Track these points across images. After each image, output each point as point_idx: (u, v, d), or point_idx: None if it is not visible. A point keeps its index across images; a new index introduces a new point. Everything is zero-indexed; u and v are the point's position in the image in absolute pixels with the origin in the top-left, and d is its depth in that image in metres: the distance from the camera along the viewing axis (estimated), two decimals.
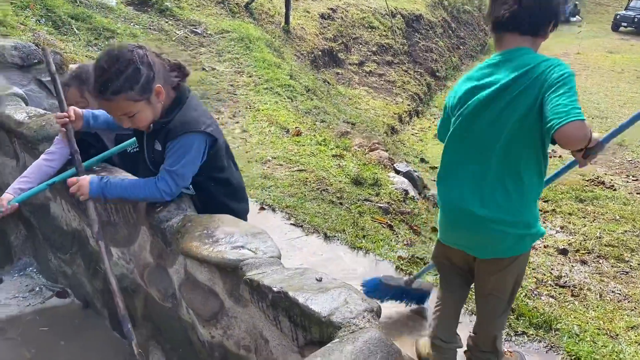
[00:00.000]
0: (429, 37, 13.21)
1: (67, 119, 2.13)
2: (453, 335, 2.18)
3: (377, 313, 1.45)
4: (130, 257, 2.33)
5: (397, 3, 13.01)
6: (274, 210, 3.92)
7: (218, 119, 5.76)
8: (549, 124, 1.55)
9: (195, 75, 6.85)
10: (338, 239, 3.60)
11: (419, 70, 11.83)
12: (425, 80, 11.64)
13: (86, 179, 2.01)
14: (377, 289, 2.75)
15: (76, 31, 6.67)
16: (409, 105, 9.97)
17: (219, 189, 2.16)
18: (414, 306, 2.81)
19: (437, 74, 12.34)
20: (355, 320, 1.38)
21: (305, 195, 4.17)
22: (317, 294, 1.49)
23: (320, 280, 1.59)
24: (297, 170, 4.63)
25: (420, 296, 2.79)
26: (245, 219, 2.23)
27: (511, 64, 1.73)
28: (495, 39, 1.85)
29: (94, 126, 2.24)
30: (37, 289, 3.02)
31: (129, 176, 2.19)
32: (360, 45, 11.20)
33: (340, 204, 4.13)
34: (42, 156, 2.38)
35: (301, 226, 3.73)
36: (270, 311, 1.60)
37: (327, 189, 4.31)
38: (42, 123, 2.65)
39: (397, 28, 12.30)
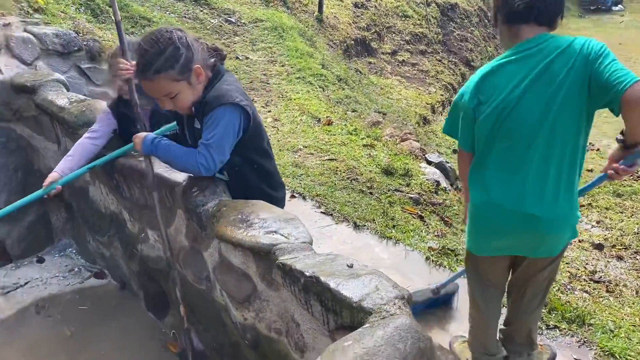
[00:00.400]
0: (464, 27, 12.97)
1: (131, 70, 2.11)
2: (496, 345, 2.14)
3: (408, 300, 1.46)
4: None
5: None
6: (304, 198, 3.95)
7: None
8: (614, 88, 1.50)
9: (229, 64, 6.92)
10: (367, 229, 3.61)
11: (454, 59, 11.65)
12: (459, 70, 11.45)
13: (140, 136, 2.05)
14: None
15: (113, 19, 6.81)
16: (442, 95, 9.83)
17: (257, 174, 2.16)
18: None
19: (472, 63, 12.11)
20: (386, 306, 1.39)
21: (335, 184, 4.19)
22: (348, 279, 1.51)
23: (351, 266, 1.61)
24: (328, 160, 4.65)
25: (447, 299, 2.76)
26: (282, 207, 2.23)
27: (542, 51, 1.69)
28: (509, 32, 1.79)
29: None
30: (77, 269, 3.14)
31: None
32: (394, 35, 11.08)
33: (370, 193, 4.13)
34: (86, 135, 2.45)
35: (331, 215, 3.76)
36: (302, 295, 1.63)
37: (357, 179, 4.31)
38: (83, 109, 2.74)
39: (432, 17, 12.12)
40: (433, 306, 2.71)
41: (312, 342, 1.68)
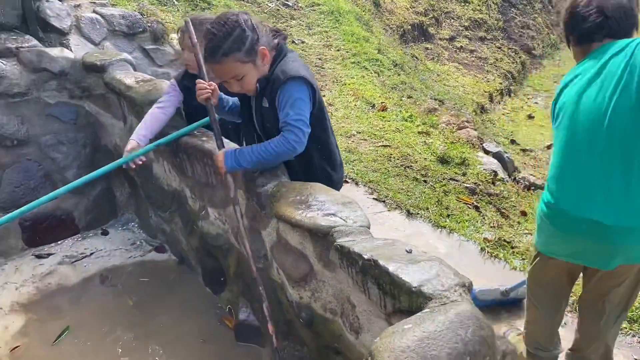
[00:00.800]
0: (527, 13, 12.48)
1: (211, 92, 2.13)
2: (551, 341, 2.07)
3: (469, 288, 1.45)
4: (226, 218, 2.45)
5: None
6: (357, 184, 3.96)
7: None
8: None
9: None
10: (421, 217, 3.58)
11: (514, 47, 11.26)
12: (519, 58, 11.06)
13: (220, 154, 2.06)
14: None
15: (175, 2, 6.96)
16: (500, 83, 9.53)
17: (320, 153, 2.18)
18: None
19: (533, 51, 11.68)
20: (446, 292, 1.39)
21: (388, 170, 4.17)
22: (407, 264, 1.51)
23: (410, 252, 1.61)
24: (382, 146, 4.62)
25: (515, 302, 2.69)
26: (339, 189, 2.26)
27: (602, 54, 1.67)
28: (582, 51, 1.78)
29: (224, 110, 2.31)
30: (138, 242, 3.27)
31: None
32: (452, 20, 10.81)
33: (425, 181, 4.08)
34: (155, 105, 2.54)
35: (384, 201, 3.75)
36: (359, 278, 1.64)
37: (411, 166, 4.27)
38: (149, 88, 2.83)
39: (492, 2, 11.73)
40: (500, 305, 2.67)
41: (367, 324, 1.70)
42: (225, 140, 2.20)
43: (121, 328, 2.57)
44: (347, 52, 7.19)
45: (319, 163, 2.20)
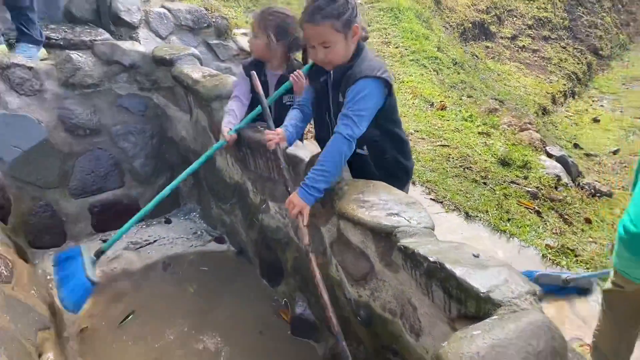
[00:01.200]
0: (594, 12, 11.95)
1: (278, 139, 2.21)
2: (620, 358, 2.02)
3: (540, 297, 1.41)
4: (286, 212, 2.48)
5: None
6: (414, 183, 3.91)
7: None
8: None
9: None
10: (480, 220, 3.50)
11: (580, 47, 10.80)
12: (585, 58, 10.61)
13: (295, 197, 2.03)
14: None
15: None
16: (564, 85, 9.18)
17: (392, 145, 2.21)
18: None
19: (601, 52, 11.17)
20: (516, 300, 1.36)
21: (447, 171, 4.10)
22: (475, 269, 1.48)
23: (477, 256, 1.58)
24: (440, 145, 4.55)
25: (573, 292, 2.64)
26: (410, 177, 2.34)
27: None
28: None
29: (297, 136, 2.35)
30: (199, 232, 3.37)
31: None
32: (515, 18, 10.49)
33: (484, 183, 3.99)
34: (234, 97, 2.65)
35: (441, 202, 3.69)
36: (423, 280, 1.62)
37: (471, 167, 4.19)
38: (216, 82, 2.90)
39: (559, 0, 11.29)
40: (557, 293, 2.63)
41: (429, 327, 1.68)
42: None
43: (181, 314, 2.65)
44: (405, 49, 7.11)
45: (394, 155, 2.23)
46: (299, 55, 2.71)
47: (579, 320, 2.65)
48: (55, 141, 3.12)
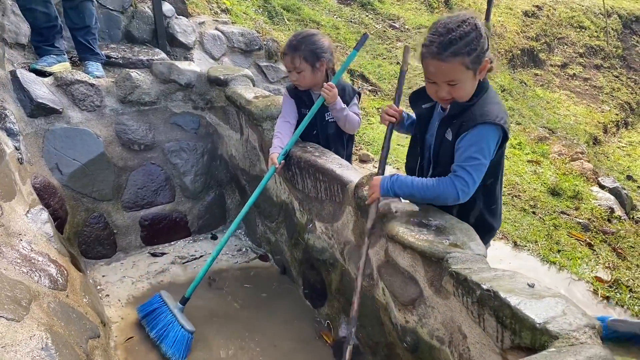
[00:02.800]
0: None
1: (395, 118, 2.14)
2: None
3: (599, 332, 1.35)
4: (333, 233, 2.49)
5: (614, 2, 11.67)
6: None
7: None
8: None
9: (390, 68, 6.99)
10: (528, 250, 3.42)
11: (634, 77, 10.50)
12: (639, 88, 10.30)
13: (378, 179, 2.00)
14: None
15: (286, 21, 7.25)
16: (616, 114, 8.92)
17: (484, 200, 2.03)
18: None
19: None
20: (575, 333, 1.31)
21: None
22: (530, 299, 1.44)
23: (532, 286, 1.53)
24: None
25: None
26: (492, 237, 2.14)
27: None
28: None
29: (404, 126, 2.26)
30: (244, 249, 3.40)
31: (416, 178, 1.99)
32: (566, 46, 10.31)
33: (534, 213, 3.90)
34: (281, 119, 2.74)
35: None
36: (474, 308, 1.59)
37: (519, 195, 4.10)
38: (268, 103, 2.96)
39: (612, 29, 11.04)
40: (633, 340, 2.45)
41: (479, 357, 1.63)
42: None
43: (224, 331, 2.67)
44: None
45: (481, 211, 2.05)
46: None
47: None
48: (111, 155, 3.24)
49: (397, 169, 4.22)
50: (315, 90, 2.68)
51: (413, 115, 2.22)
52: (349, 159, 2.81)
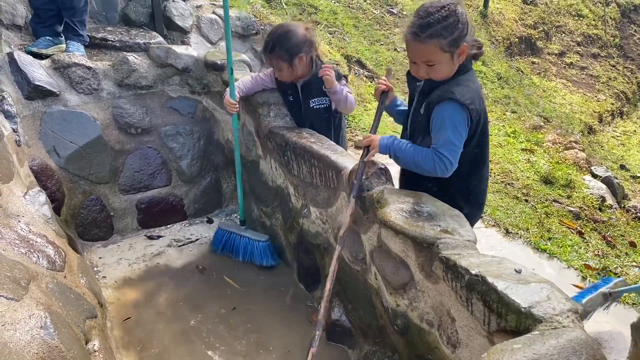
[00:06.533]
0: None
1: (387, 88, 2.29)
2: None
3: (581, 316, 1.40)
4: (327, 218, 2.53)
5: None
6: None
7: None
8: None
9: (387, 55, 6.99)
10: (520, 237, 3.47)
11: (630, 66, 10.51)
12: (636, 78, 10.31)
13: (376, 137, 2.12)
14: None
15: (284, 5, 7.22)
16: (612, 104, 8.95)
17: (459, 184, 2.10)
18: None
19: None
20: (558, 317, 1.36)
21: (488, 186, 4.07)
22: (517, 284, 1.49)
23: (519, 271, 1.58)
24: None
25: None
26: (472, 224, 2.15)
27: None
28: None
29: (394, 109, 2.39)
30: None
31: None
32: (563, 35, 10.30)
33: (526, 200, 3.95)
34: (260, 73, 2.94)
35: (481, 217, 3.66)
36: (463, 292, 1.64)
37: (512, 184, 4.15)
38: None
39: (610, 18, 11.03)
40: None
41: (467, 339, 1.69)
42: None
43: (219, 311, 2.73)
44: None
45: (453, 193, 2.12)
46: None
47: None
48: (108, 138, 3.26)
49: None
50: (302, 79, 2.76)
51: (404, 105, 2.34)
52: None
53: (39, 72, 2.97)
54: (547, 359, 1.21)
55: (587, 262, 3.23)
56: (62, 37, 3.42)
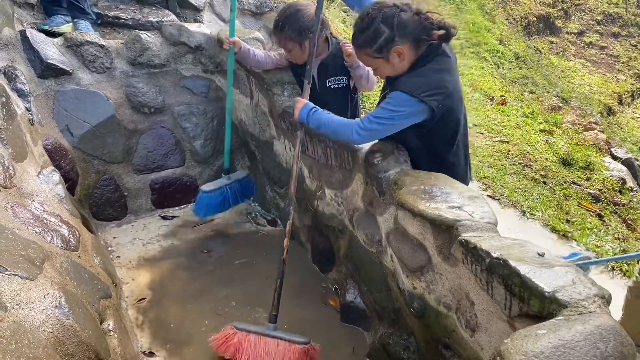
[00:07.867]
0: None
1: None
2: None
3: (608, 301, 1.36)
4: (342, 200, 2.49)
5: None
6: (470, 179, 3.84)
7: None
8: None
9: None
10: (537, 220, 3.41)
11: None
12: None
13: (302, 102, 2.31)
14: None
15: None
16: (632, 84, 8.76)
17: (430, 165, 2.13)
18: None
19: None
20: (584, 302, 1.31)
21: (505, 168, 4.00)
22: (540, 268, 1.44)
23: (542, 255, 1.53)
24: (499, 141, 4.44)
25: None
26: None
27: None
28: None
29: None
30: (253, 214, 3.42)
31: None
32: (583, 13, 10.06)
33: (544, 182, 3.88)
34: (275, 53, 2.90)
35: (498, 199, 3.61)
36: (483, 275, 1.59)
37: (530, 165, 4.07)
38: None
39: None
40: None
41: (486, 323, 1.65)
42: None
43: (233, 290, 2.72)
44: (466, 41, 6.96)
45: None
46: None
47: None
48: (121, 118, 3.23)
49: None
50: (317, 58, 2.69)
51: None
52: None
53: (51, 50, 2.94)
54: (573, 346, 1.17)
55: (607, 245, 3.17)
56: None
